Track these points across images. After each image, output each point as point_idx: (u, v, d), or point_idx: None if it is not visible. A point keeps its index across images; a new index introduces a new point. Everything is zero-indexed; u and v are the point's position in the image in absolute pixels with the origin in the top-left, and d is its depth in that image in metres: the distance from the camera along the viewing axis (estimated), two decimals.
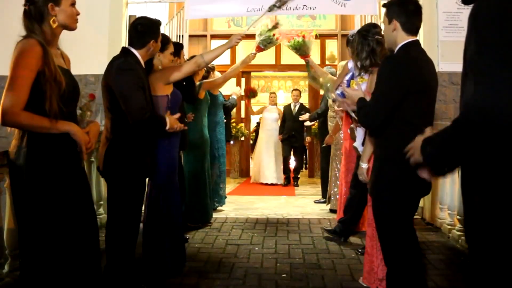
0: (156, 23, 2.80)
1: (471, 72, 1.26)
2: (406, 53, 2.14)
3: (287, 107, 7.87)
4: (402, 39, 2.17)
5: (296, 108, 7.70)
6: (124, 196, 2.63)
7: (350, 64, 3.05)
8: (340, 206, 4.34)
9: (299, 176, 7.88)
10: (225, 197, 5.47)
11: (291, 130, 7.61)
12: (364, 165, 2.67)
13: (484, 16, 1.22)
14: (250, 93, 7.89)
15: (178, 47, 3.79)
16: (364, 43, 2.99)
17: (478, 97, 1.21)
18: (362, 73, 3.01)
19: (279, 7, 3.54)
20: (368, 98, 2.24)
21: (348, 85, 3.16)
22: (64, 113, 1.95)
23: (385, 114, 2.10)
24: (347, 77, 3.43)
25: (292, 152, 7.91)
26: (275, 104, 8.33)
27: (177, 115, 2.87)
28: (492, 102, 1.18)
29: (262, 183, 7.81)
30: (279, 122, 8.02)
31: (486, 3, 1.22)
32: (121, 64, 2.58)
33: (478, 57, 1.23)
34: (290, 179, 7.76)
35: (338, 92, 3.07)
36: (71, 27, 2.07)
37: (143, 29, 2.70)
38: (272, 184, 7.76)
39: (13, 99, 1.81)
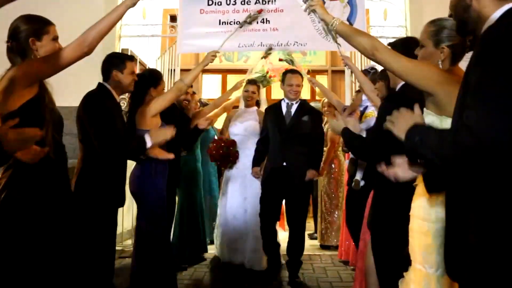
0: (118, 55, 2.95)
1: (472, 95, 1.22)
2: (403, 92, 2.17)
3: (273, 109, 3.99)
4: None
5: (293, 109, 3.86)
6: (94, 226, 2.61)
7: (365, 97, 3.06)
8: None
9: (301, 260, 3.84)
10: None
11: (282, 157, 3.75)
12: None
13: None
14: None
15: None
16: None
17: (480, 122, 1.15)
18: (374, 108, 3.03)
19: (250, 22, 3.76)
20: None
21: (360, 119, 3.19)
22: (56, 141, 2.06)
23: (379, 147, 2.12)
24: (360, 108, 3.42)
25: (284, 204, 4.09)
26: (256, 106, 4.46)
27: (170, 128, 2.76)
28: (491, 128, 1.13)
29: (236, 264, 4.10)
30: None
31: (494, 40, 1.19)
32: (88, 97, 2.71)
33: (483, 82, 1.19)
34: (279, 262, 4.03)
35: (363, 126, 3.05)
36: None
37: (106, 61, 2.83)
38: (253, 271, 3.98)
39: None
